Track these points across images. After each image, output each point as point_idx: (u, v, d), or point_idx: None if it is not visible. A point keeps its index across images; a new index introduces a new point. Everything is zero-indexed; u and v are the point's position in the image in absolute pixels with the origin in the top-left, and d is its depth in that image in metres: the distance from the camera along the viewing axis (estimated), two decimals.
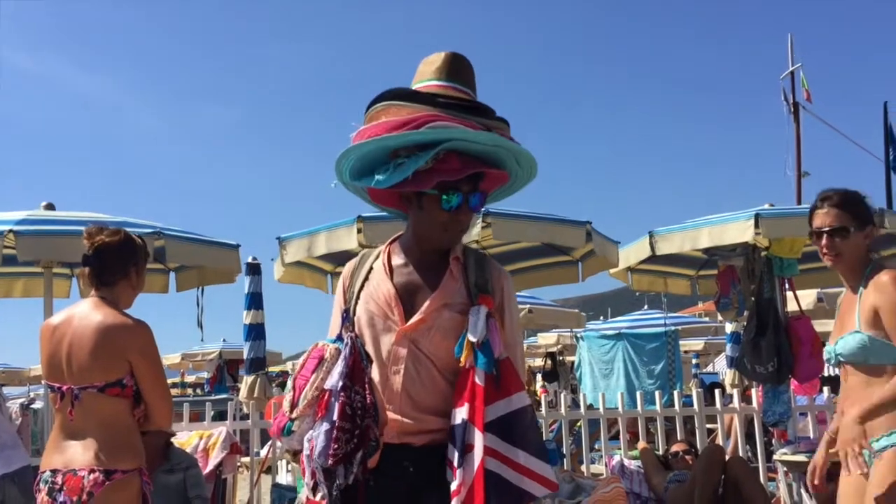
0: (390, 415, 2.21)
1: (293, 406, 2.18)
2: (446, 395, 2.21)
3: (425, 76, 2.31)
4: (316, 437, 2.11)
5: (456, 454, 2.10)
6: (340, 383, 2.12)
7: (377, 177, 2.23)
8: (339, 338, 2.26)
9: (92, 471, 2.91)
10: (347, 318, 2.31)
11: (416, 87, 2.31)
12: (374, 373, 2.23)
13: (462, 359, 2.16)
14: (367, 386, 2.14)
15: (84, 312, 3.10)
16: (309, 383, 2.17)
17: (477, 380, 2.13)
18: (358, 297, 2.35)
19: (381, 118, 2.23)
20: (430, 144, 2.16)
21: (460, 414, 2.12)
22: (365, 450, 2.10)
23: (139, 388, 3.06)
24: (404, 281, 2.31)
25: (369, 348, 2.26)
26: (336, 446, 2.07)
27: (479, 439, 2.07)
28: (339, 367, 2.15)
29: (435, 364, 2.24)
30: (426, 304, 2.25)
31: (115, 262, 3.17)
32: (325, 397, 2.13)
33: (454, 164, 2.19)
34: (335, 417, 2.08)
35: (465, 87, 2.30)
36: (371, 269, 2.38)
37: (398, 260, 2.36)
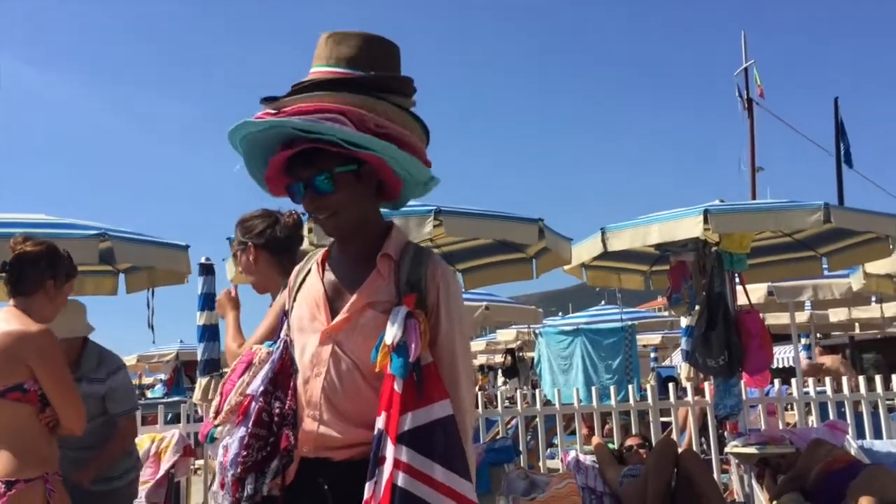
0: (308, 423, 2.06)
1: (218, 412, 2.13)
2: (372, 404, 1.99)
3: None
4: (231, 444, 2.04)
5: (371, 467, 1.93)
6: (262, 388, 2.05)
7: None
8: (277, 340, 2.20)
9: None
10: (285, 319, 2.22)
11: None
12: (299, 378, 2.12)
13: (377, 363, 1.97)
14: (290, 392, 2.06)
15: None
16: (235, 388, 2.11)
17: (395, 386, 1.93)
18: (296, 298, 2.22)
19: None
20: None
21: (378, 423, 1.94)
22: (281, 460, 2.01)
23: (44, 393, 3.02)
24: (332, 279, 2.17)
25: (297, 351, 2.14)
26: (246, 453, 1.99)
27: (390, 452, 1.89)
28: (264, 370, 2.10)
29: (359, 368, 2.05)
30: (349, 302, 2.09)
31: (32, 272, 3.18)
32: (246, 402, 2.07)
33: (281, 154, 2.08)
34: (250, 423, 2.02)
35: (327, 65, 2.11)
36: (310, 269, 2.24)
37: (331, 258, 2.23)
